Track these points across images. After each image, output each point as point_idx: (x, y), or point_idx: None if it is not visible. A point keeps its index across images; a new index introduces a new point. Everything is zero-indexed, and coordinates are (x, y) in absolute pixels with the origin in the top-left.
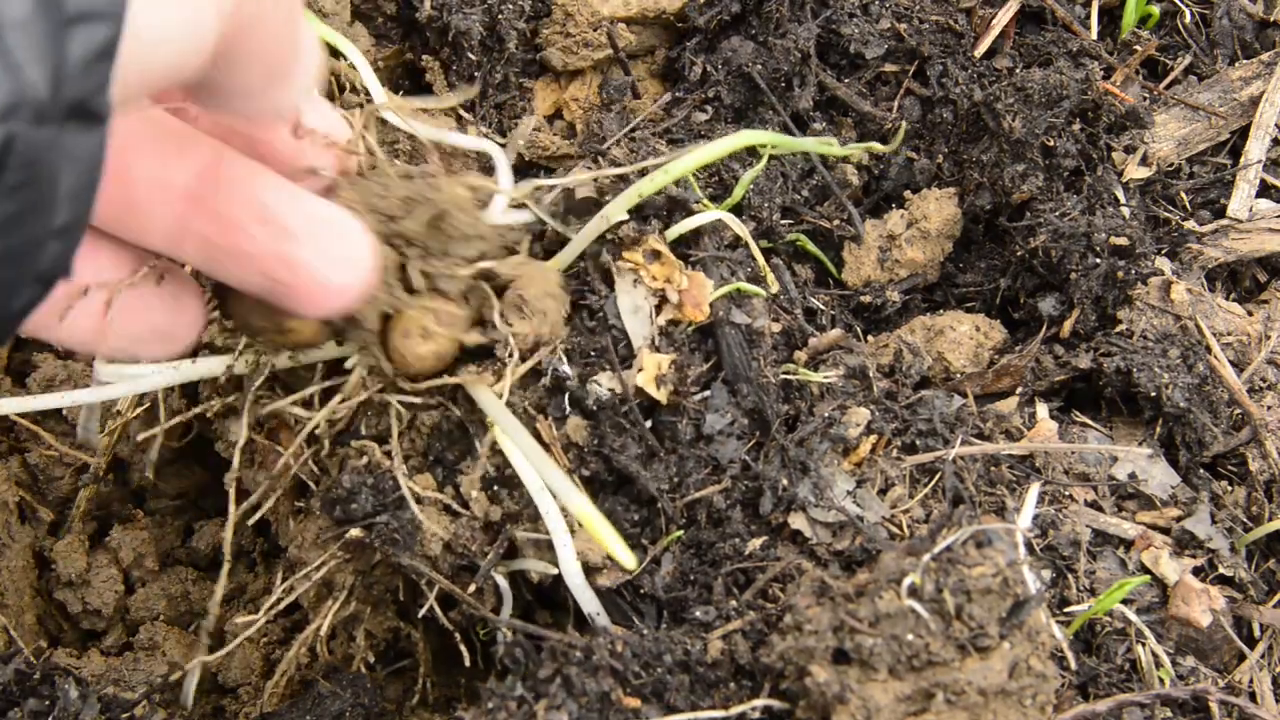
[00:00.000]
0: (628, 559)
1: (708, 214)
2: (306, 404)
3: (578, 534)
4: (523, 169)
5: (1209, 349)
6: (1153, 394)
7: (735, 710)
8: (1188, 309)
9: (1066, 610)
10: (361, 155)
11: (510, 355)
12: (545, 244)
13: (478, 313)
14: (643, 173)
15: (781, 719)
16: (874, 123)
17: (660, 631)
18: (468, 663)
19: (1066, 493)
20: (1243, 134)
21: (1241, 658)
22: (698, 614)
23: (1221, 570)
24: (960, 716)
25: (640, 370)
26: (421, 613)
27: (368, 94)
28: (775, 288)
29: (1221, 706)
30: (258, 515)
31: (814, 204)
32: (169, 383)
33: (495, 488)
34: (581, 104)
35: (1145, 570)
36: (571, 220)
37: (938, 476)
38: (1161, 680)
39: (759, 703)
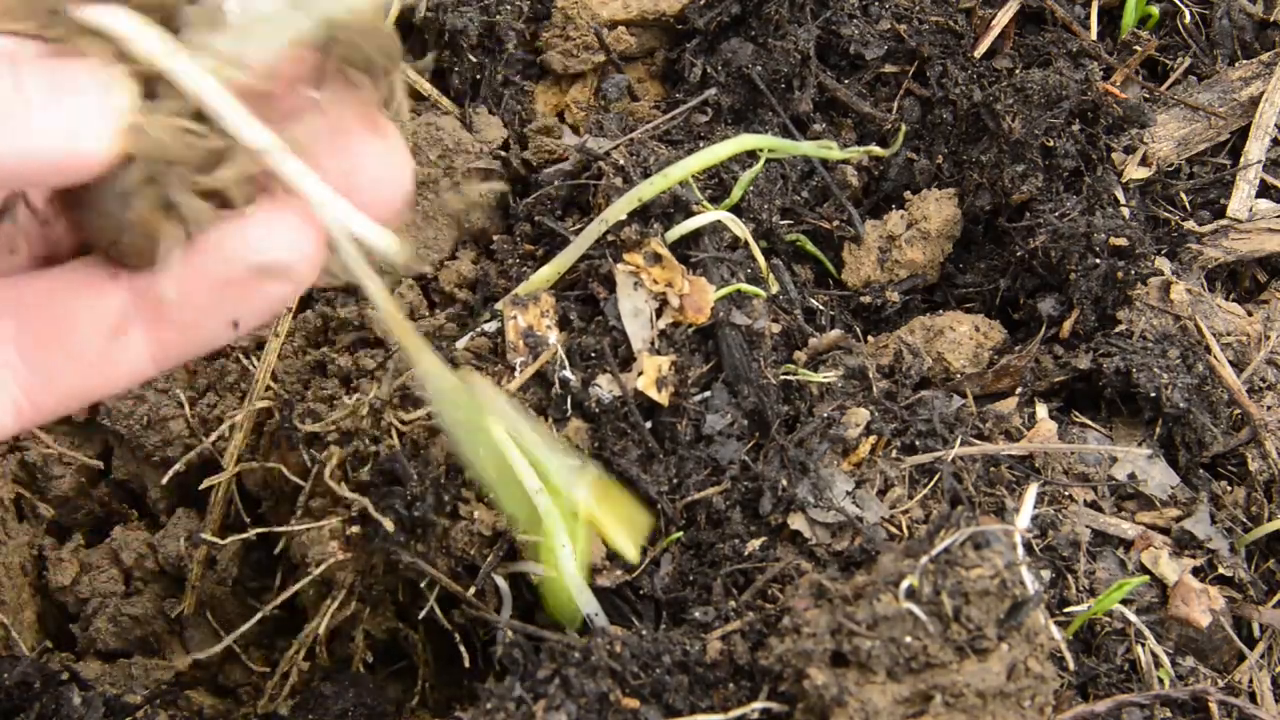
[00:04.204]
0: (630, 549)
1: (708, 215)
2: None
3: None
4: (525, 172)
5: (1209, 349)
6: (1152, 394)
7: (734, 713)
8: (1187, 309)
9: (1066, 611)
10: None
11: None
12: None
13: None
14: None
15: None
16: (874, 124)
17: (659, 632)
18: (467, 664)
19: (1066, 493)
20: (1243, 134)
21: (1241, 658)
22: (697, 615)
23: (1221, 570)
24: (959, 718)
25: (640, 374)
26: (422, 614)
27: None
28: (775, 288)
29: (1221, 707)
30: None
31: (814, 205)
32: None
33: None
34: (582, 106)
35: (1145, 570)
36: None
37: (937, 477)
38: (1161, 680)
39: (758, 705)
